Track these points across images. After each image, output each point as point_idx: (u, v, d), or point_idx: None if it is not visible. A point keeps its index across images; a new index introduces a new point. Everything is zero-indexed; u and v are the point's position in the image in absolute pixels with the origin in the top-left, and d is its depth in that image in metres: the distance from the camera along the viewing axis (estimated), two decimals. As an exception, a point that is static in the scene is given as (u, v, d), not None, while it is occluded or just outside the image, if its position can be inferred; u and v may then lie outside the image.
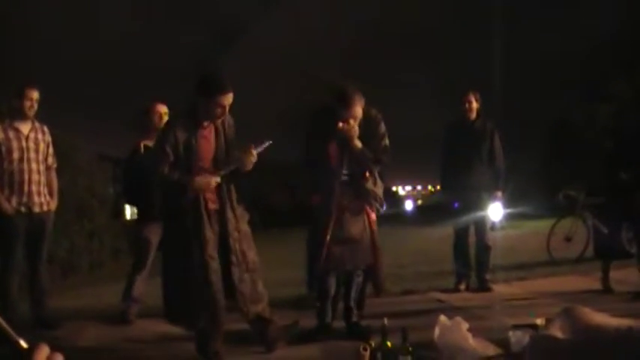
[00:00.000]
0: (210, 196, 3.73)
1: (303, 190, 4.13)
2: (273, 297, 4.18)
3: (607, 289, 5.32)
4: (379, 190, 4.24)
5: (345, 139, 4.04)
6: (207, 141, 3.79)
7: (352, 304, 4.28)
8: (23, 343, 0.85)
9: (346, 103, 3.97)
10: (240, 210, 3.90)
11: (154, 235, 4.80)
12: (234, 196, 3.86)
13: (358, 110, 4.02)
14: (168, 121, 4.18)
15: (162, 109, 5.01)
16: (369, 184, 4.17)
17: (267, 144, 3.87)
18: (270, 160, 3.88)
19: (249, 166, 3.77)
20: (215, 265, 3.65)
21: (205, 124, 3.76)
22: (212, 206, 3.74)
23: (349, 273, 4.22)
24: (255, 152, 3.77)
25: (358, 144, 4.06)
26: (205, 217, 3.67)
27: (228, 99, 3.66)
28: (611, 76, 16.76)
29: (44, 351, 0.84)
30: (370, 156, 4.10)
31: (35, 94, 4.70)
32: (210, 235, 3.67)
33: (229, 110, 3.75)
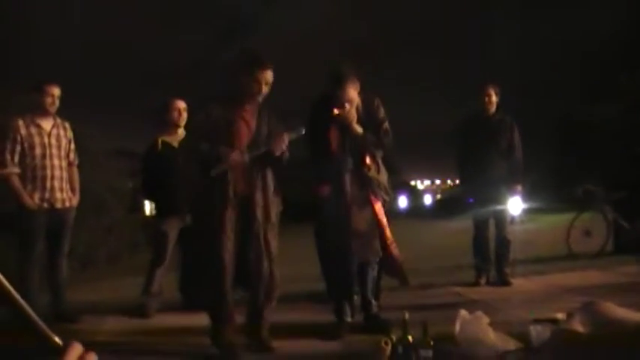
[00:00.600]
0: (239, 178, 3.71)
1: (307, 181, 4.07)
2: (283, 293, 4.09)
3: None
4: (383, 177, 4.16)
5: (343, 125, 3.98)
6: (247, 123, 3.79)
7: (370, 296, 4.22)
8: (57, 340, 0.84)
9: (340, 84, 3.92)
10: (273, 199, 3.84)
11: (173, 229, 4.84)
12: (269, 182, 3.82)
13: (352, 92, 3.95)
14: (204, 106, 4.05)
15: (181, 105, 5.05)
16: (372, 172, 4.08)
17: (300, 131, 3.85)
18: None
19: (279, 151, 3.74)
20: (230, 245, 3.63)
21: (247, 106, 3.78)
22: (239, 189, 3.71)
23: (361, 267, 4.12)
24: (286, 138, 3.76)
25: (358, 128, 4.00)
26: (231, 197, 3.65)
27: (267, 75, 3.70)
28: (614, 74, 16.67)
29: (77, 349, 0.83)
30: (372, 140, 4.04)
31: (56, 91, 4.73)
32: (231, 215, 3.65)
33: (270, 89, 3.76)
